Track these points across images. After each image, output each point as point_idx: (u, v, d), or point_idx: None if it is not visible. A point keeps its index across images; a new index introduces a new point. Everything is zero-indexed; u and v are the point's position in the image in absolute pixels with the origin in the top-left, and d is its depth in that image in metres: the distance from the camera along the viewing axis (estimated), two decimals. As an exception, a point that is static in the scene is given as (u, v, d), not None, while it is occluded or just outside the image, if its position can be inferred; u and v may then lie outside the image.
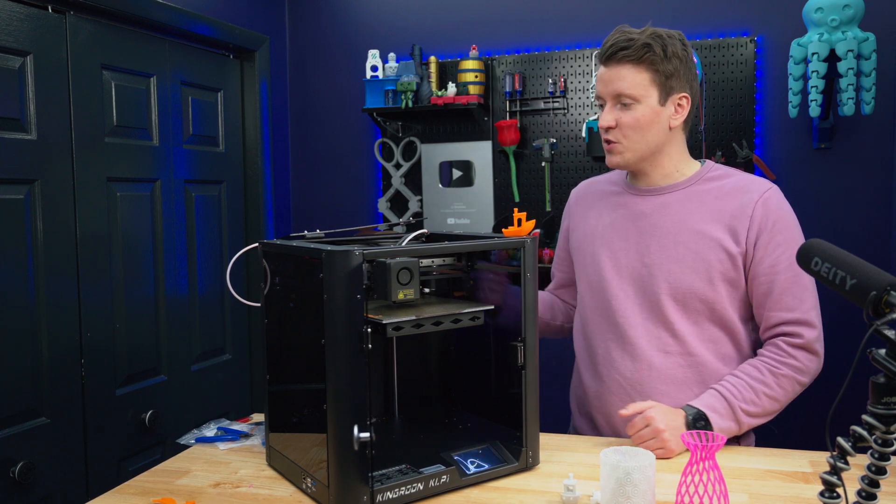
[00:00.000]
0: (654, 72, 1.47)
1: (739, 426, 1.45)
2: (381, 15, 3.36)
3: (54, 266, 2.15)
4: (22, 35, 2.07)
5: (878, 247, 2.81)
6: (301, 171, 3.51)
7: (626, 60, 1.46)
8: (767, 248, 1.47)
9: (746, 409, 1.44)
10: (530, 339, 1.34)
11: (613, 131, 1.51)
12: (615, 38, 1.48)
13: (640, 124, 1.48)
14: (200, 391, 2.77)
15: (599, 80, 1.52)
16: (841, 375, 1.09)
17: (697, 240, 1.50)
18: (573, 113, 3.10)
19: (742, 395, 1.45)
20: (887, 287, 0.76)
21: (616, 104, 1.49)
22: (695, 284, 1.49)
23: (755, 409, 1.45)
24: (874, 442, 0.77)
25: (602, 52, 1.50)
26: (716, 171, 1.57)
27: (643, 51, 1.45)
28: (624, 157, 1.52)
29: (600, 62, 1.51)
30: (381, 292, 1.20)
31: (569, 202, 1.77)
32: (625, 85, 1.47)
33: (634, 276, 1.55)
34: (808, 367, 1.48)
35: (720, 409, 1.44)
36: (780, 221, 1.48)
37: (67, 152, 2.21)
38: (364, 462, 1.16)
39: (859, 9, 2.54)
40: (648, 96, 1.47)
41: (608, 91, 1.50)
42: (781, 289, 1.47)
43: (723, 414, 1.43)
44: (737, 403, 1.44)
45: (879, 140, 2.80)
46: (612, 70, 1.48)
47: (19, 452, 2.02)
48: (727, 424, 1.43)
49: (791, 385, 1.47)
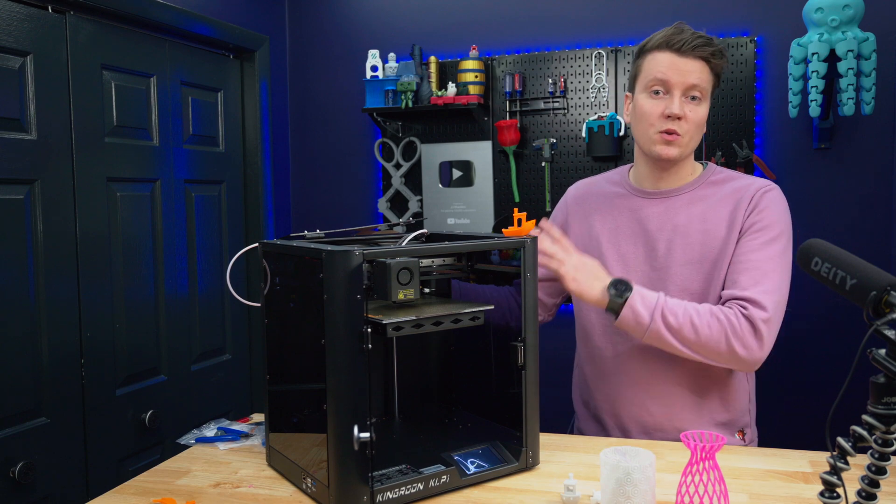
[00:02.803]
0: (716, 76, 1.51)
1: (650, 323, 1.40)
2: (381, 15, 3.36)
3: (54, 266, 2.15)
4: (22, 35, 2.07)
5: (878, 247, 2.81)
6: (301, 171, 3.51)
7: (706, 57, 1.47)
8: (747, 233, 1.48)
9: (667, 315, 1.40)
10: (530, 339, 1.34)
11: (681, 122, 1.48)
12: (691, 32, 1.47)
13: (702, 121, 1.50)
14: (200, 391, 2.77)
15: (671, 67, 1.46)
16: (841, 375, 1.09)
17: (704, 242, 1.51)
18: (573, 113, 3.10)
19: (672, 305, 1.42)
20: (887, 287, 0.76)
21: (685, 96, 1.48)
22: (703, 286, 1.50)
23: (674, 321, 1.40)
24: (874, 442, 0.77)
25: (681, 41, 1.46)
26: (719, 175, 1.57)
27: (720, 55, 1.48)
28: (680, 151, 1.50)
29: (670, 50, 1.47)
30: (381, 292, 1.20)
31: (565, 200, 1.75)
32: (701, 79, 1.47)
33: (643, 279, 1.55)
34: (743, 336, 1.40)
35: (647, 297, 1.42)
36: (766, 210, 1.48)
37: (67, 152, 2.21)
38: (364, 462, 1.16)
39: (859, 9, 2.54)
40: (708, 97, 1.51)
41: (682, 81, 1.46)
42: (742, 268, 1.45)
43: (646, 301, 1.41)
44: (662, 304, 1.41)
45: (879, 140, 2.80)
46: (689, 61, 1.46)
47: (19, 452, 2.02)
48: (642, 312, 1.40)
49: (719, 332, 1.40)
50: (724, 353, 1.41)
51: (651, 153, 1.52)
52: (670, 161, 1.52)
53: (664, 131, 1.48)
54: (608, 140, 2.97)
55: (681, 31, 1.47)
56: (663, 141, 1.49)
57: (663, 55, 1.48)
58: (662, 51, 1.48)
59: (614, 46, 3.04)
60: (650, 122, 1.50)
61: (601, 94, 3.06)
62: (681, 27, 1.49)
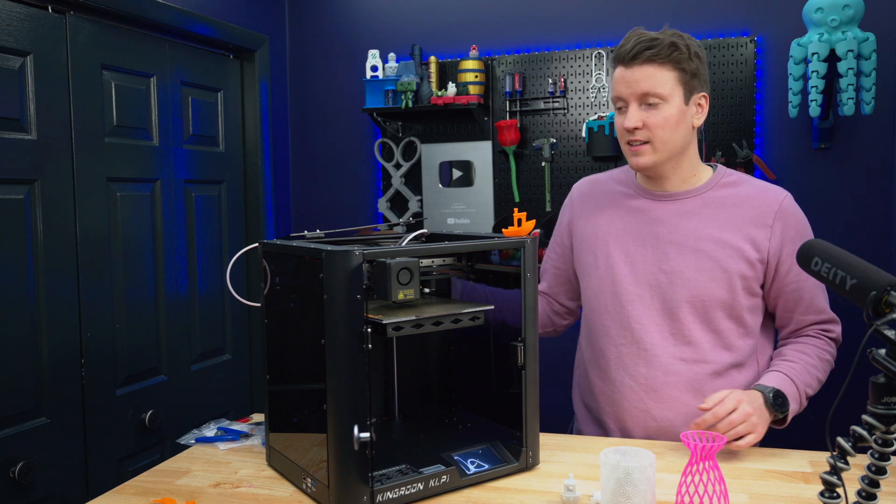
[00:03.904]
0: (679, 70, 1.47)
1: (800, 407, 1.49)
2: (381, 15, 3.36)
3: (54, 266, 2.15)
4: (22, 35, 2.07)
5: (878, 247, 2.81)
6: (301, 171, 3.51)
7: (652, 60, 1.45)
8: (792, 258, 1.49)
9: (808, 391, 1.49)
10: (530, 339, 1.34)
11: (640, 132, 1.48)
12: (637, 39, 1.46)
13: (668, 123, 1.47)
14: (200, 391, 2.77)
15: (620, 81, 1.48)
16: (841, 375, 1.09)
17: (717, 248, 1.50)
18: (573, 113, 3.10)
19: (803, 377, 1.49)
20: (887, 287, 0.76)
21: (641, 105, 1.47)
22: (716, 293, 1.50)
23: (811, 391, 1.50)
24: (874, 442, 0.77)
25: (624, 52, 1.47)
26: (730, 177, 1.57)
27: (670, 49, 1.45)
28: (652, 158, 1.50)
29: (620, 64, 1.49)
30: (381, 292, 1.20)
31: (570, 198, 1.74)
32: (652, 84, 1.45)
33: (652, 282, 1.54)
34: (835, 356, 1.57)
35: (789, 390, 1.45)
36: (799, 230, 1.52)
37: (67, 152, 2.21)
38: (364, 462, 1.16)
39: (859, 9, 2.54)
40: (675, 95, 1.47)
41: (633, 91, 1.47)
42: (811, 294, 1.53)
43: (791, 395, 1.45)
44: (801, 386, 1.48)
45: (879, 140, 2.80)
46: (636, 70, 1.46)
47: (19, 452, 2.02)
48: (794, 406, 1.46)
49: (828, 370, 1.54)
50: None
51: (631, 165, 1.55)
52: (646, 169, 1.53)
53: (628, 142, 1.52)
54: (608, 140, 2.97)
55: (626, 41, 1.48)
56: (631, 152, 1.52)
57: (617, 71, 1.51)
58: (615, 66, 1.51)
59: (614, 46, 3.03)
60: (620, 135, 1.54)
61: (601, 94, 3.06)
62: (629, 36, 1.49)
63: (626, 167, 1.69)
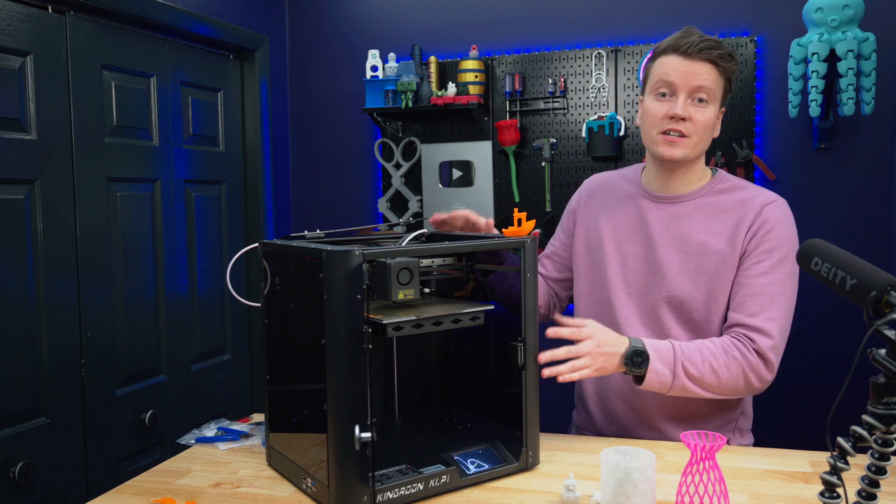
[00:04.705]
0: (726, 80, 1.51)
1: (674, 380, 1.42)
2: (381, 15, 3.36)
3: (54, 266, 2.15)
4: (22, 35, 2.07)
5: (878, 247, 2.81)
6: (301, 171, 3.51)
7: (714, 60, 1.47)
8: (753, 254, 1.48)
9: (687, 367, 1.42)
10: (530, 339, 1.34)
11: (686, 124, 1.49)
12: (702, 35, 1.48)
13: (709, 123, 1.50)
14: (200, 391, 2.77)
15: (675, 69, 1.48)
16: (841, 375, 1.09)
17: (702, 252, 1.51)
18: (573, 113, 3.10)
19: (689, 354, 1.43)
20: (887, 287, 0.76)
21: (691, 98, 1.48)
22: (695, 295, 1.51)
23: (695, 371, 1.42)
24: (874, 442, 0.77)
25: (688, 44, 1.47)
26: (726, 183, 1.58)
27: (730, 58, 1.49)
28: (685, 152, 1.50)
29: (677, 53, 1.48)
30: (381, 292, 1.20)
31: (580, 191, 1.76)
32: (708, 81, 1.47)
33: (639, 279, 1.57)
34: (757, 369, 1.44)
35: (664, 354, 1.42)
36: (773, 231, 1.49)
37: (67, 152, 2.21)
38: (364, 462, 1.16)
39: (859, 9, 2.54)
40: (717, 100, 1.50)
41: (688, 83, 1.47)
42: (750, 293, 1.47)
43: (664, 359, 1.41)
44: (681, 357, 1.42)
45: (879, 140, 2.80)
46: (697, 64, 1.47)
47: (19, 452, 2.02)
48: (663, 371, 1.41)
49: (737, 371, 1.44)
50: (742, 388, 1.46)
51: (655, 154, 1.53)
52: (674, 161, 1.52)
53: (665, 132, 1.50)
54: (608, 140, 2.97)
55: (689, 35, 1.49)
56: (665, 141, 1.50)
57: (670, 58, 1.50)
58: (669, 54, 1.50)
59: (614, 46, 3.04)
60: (654, 122, 1.51)
61: (601, 94, 3.06)
62: (690, 31, 1.50)
63: (636, 166, 1.70)
